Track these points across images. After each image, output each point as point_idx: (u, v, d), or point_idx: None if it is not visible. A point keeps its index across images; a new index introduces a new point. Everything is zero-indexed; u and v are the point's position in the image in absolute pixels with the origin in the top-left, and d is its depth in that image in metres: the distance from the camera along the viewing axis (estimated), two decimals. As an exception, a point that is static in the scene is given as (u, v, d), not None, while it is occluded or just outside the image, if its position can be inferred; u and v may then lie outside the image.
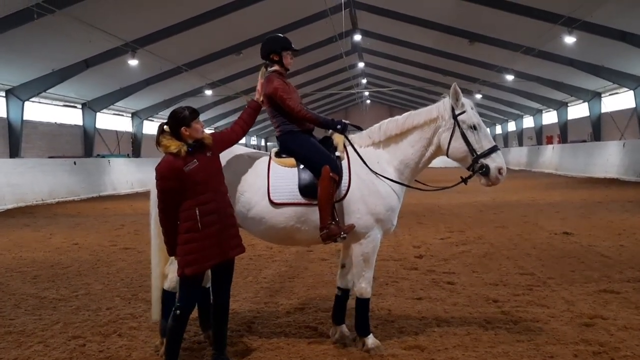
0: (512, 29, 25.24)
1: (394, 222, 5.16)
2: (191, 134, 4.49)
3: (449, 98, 5.06)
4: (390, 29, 30.47)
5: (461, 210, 15.43)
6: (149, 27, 22.97)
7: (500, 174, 4.90)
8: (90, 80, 26.74)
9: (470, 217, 14.00)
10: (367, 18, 29.94)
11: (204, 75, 31.53)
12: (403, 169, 5.18)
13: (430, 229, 12.06)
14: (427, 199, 18.43)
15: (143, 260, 9.32)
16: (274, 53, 5.35)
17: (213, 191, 4.48)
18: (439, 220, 13.47)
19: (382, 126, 5.29)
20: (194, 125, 4.50)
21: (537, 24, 23.25)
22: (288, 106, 5.14)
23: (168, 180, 4.38)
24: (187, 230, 4.40)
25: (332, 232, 4.83)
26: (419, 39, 30.65)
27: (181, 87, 33.06)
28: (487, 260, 8.69)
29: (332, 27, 27.17)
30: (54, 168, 23.44)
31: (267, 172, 5.10)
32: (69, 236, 12.44)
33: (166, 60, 26.71)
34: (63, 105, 29.26)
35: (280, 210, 4.99)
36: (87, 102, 30.41)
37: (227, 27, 24.77)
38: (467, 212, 14.95)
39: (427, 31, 28.22)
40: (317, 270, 8.34)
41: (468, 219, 13.54)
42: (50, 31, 19.66)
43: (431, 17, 26.50)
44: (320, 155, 5.03)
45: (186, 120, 4.48)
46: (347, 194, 5.00)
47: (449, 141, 5.00)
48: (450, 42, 29.41)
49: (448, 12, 25.27)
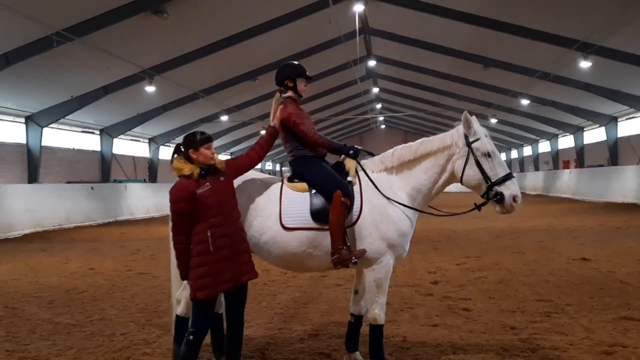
0: (527, 54, 25.26)
1: (406, 247, 5.14)
2: (198, 158, 4.54)
3: (461, 126, 5.07)
4: (404, 55, 30.65)
5: (477, 236, 15.31)
6: (165, 55, 23.34)
7: (514, 202, 4.87)
8: (108, 107, 27.11)
9: (486, 242, 13.88)
10: (381, 44, 30.17)
11: (219, 102, 31.88)
12: (415, 195, 5.18)
13: (446, 255, 11.96)
14: (442, 225, 18.31)
15: (158, 286, 9.33)
16: (289, 79, 5.42)
17: (224, 215, 4.51)
18: (454, 246, 13.36)
19: (395, 152, 5.30)
20: (203, 151, 4.55)
21: (552, 48, 23.25)
22: (301, 131, 5.18)
23: (181, 203, 4.42)
24: (199, 253, 4.41)
25: (343, 257, 4.82)
26: (433, 64, 30.79)
27: (197, 113, 33.41)
28: (504, 286, 8.59)
29: (347, 54, 27.42)
30: (71, 193, 23.69)
31: (279, 196, 5.12)
32: (85, 261, 12.51)
33: (183, 87, 27.08)
34: (81, 131, 29.68)
35: (292, 234, 4.98)
36: (105, 128, 30.83)
37: (242, 54, 25.07)
38: (483, 238, 14.82)
39: (441, 56, 28.34)
40: (331, 296, 8.29)
41: (484, 245, 13.41)
42: (69, 59, 20.05)
43: (445, 42, 26.63)
44: (332, 180, 5.05)
45: (194, 144, 4.56)
46: (359, 219, 4.99)
47: (463, 169, 5.00)
48: (464, 67, 29.49)
49: (462, 38, 25.38)
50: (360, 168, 5.25)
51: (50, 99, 24.33)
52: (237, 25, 22.34)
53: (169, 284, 8.19)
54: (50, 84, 22.54)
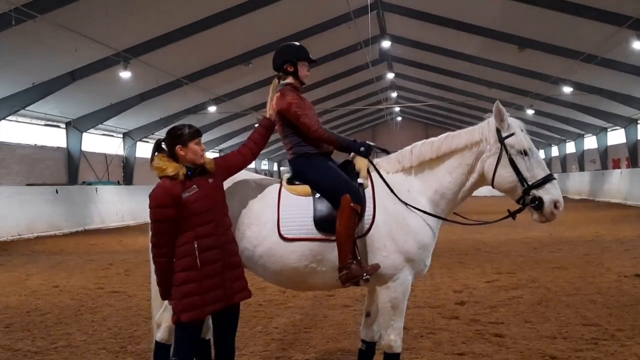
0: (569, 32, 25.21)
1: (427, 262, 5.13)
2: (187, 155, 4.55)
3: (492, 118, 5.07)
4: (424, 34, 30.64)
5: (511, 248, 15.28)
6: (143, 35, 23.40)
7: (555, 208, 4.86)
8: (76, 96, 27.20)
9: (521, 256, 13.85)
10: (398, 21, 30.19)
11: (207, 90, 31.94)
12: (438, 200, 5.17)
13: (474, 270, 11.95)
14: (469, 235, 18.28)
15: (134, 306, 9.34)
16: (288, 63, 5.42)
17: (214, 223, 4.52)
18: (484, 260, 13.34)
19: (414, 149, 5.29)
20: (192, 146, 4.56)
21: (599, 26, 23.18)
22: (303, 124, 5.18)
23: (164, 209, 4.42)
24: (184, 268, 4.41)
25: (352, 273, 4.81)
26: (458, 45, 30.77)
27: (181, 103, 33.48)
28: (543, 308, 8.57)
29: (357, 33, 27.42)
30: (32, 197, 23.77)
31: (277, 201, 5.12)
32: (48, 277, 12.54)
33: (164, 72, 27.13)
34: (44, 124, 29.80)
35: (292, 246, 4.99)
36: (72, 121, 30.94)
37: (234, 34, 25.12)
38: (518, 250, 14.79)
39: (468, 36, 28.33)
40: (338, 319, 8.28)
41: (519, 259, 13.38)
42: (31, 39, 20.12)
43: (473, 19, 26.62)
44: (339, 182, 5.04)
45: (183, 138, 4.55)
46: (372, 228, 4.99)
47: (495, 169, 4.99)
48: (496, 49, 29.46)
49: (493, 14, 25.35)
50: (373, 168, 5.24)
51: (8, 87, 24.38)
52: (227, 0, 22.38)
53: (147, 304, 8.19)
54: (7, 69, 22.58)
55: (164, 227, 4.45)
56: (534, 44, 27.67)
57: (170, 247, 4.47)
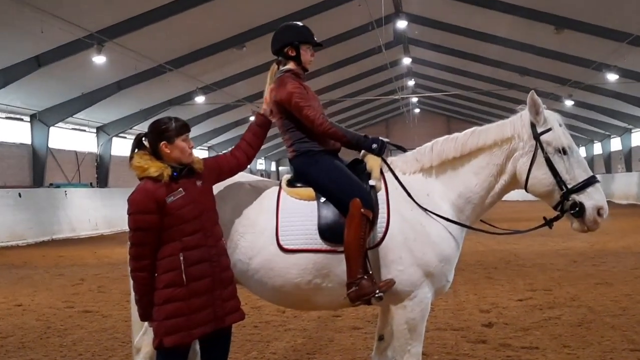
0: (614, 11, 25.17)
1: (449, 277, 5.14)
2: (172, 153, 4.54)
3: (526, 111, 5.07)
4: (446, 13, 30.64)
5: (547, 261, 15.25)
6: (120, 13, 23.41)
7: (599, 216, 4.86)
8: (42, 84, 27.24)
9: (559, 270, 13.82)
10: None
11: (194, 77, 31.96)
12: (463, 206, 5.18)
13: (504, 287, 11.93)
14: (499, 245, 18.25)
15: (109, 328, 9.34)
16: (290, 47, 5.44)
17: (203, 233, 4.52)
18: (515, 275, 13.32)
19: (435, 146, 5.30)
20: (178, 143, 4.55)
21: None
22: (306, 117, 5.18)
23: (146, 215, 4.42)
24: (167, 285, 4.41)
25: (363, 290, 4.81)
26: (486, 25, 30.74)
27: (163, 92, 33.52)
28: (584, 330, 8.55)
29: (368, 11, 27.40)
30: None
31: (275, 206, 5.13)
32: (10, 295, 12.55)
33: (143, 57, 27.15)
34: (5, 117, 29.85)
35: (293, 259, 5.00)
36: (38, 114, 30.98)
37: (225, 13, 25.13)
38: (556, 264, 14.76)
39: (497, 15, 28.29)
40: (346, 343, 8.27)
41: (557, 273, 13.36)
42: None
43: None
44: (348, 185, 5.05)
45: (169, 134, 4.55)
46: (385, 237, 5.00)
47: (529, 170, 5.00)
48: (529, 31, 29.41)
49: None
50: (387, 168, 5.25)
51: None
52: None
53: (124, 325, 8.20)
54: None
55: (146, 236, 4.44)
56: (574, 24, 27.62)
57: (152, 260, 4.47)
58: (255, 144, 5.22)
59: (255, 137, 5.23)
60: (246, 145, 5.16)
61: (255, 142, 5.22)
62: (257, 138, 5.24)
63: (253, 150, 5.19)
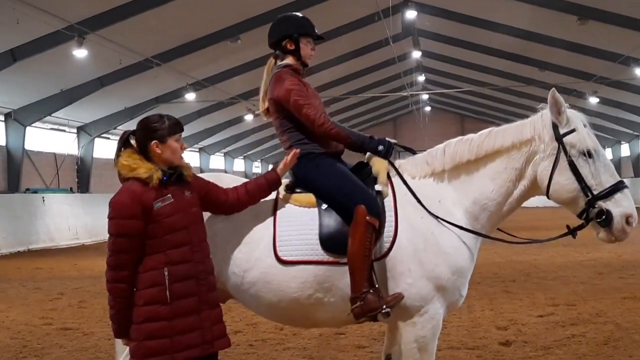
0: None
1: (463, 291, 5.13)
2: (164, 153, 4.50)
3: (547, 110, 5.06)
4: (460, 3, 30.67)
5: (570, 273, 15.23)
6: (103, 3, 23.43)
7: (627, 224, 4.85)
8: (17, 80, 27.27)
9: (584, 283, 13.81)
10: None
11: (184, 73, 32.00)
12: (478, 213, 5.17)
13: (523, 301, 11.91)
14: (517, 256, 18.23)
15: (91, 347, 9.33)
16: (288, 40, 5.43)
17: (191, 247, 4.48)
18: (536, 288, 13.31)
19: (447, 149, 5.29)
20: (171, 143, 4.52)
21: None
22: (306, 116, 5.18)
23: (130, 220, 4.37)
24: (149, 301, 4.36)
25: (369, 305, 4.80)
26: (503, 16, 30.76)
27: (150, 89, 33.55)
28: (611, 349, 8.53)
29: (374, 0, 27.43)
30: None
31: (272, 214, 5.14)
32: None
33: (128, 51, 27.18)
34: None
35: (292, 271, 4.99)
36: (13, 112, 31.02)
37: (218, 2, 25.18)
38: (580, 276, 14.74)
39: (516, 5, 28.32)
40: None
41: (581, 287, 13.34)
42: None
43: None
44: (352, 190, 5.05)
45: (161, 132, 4.50)
46: (393, 247, 4.99)
47: (551, 174, 4.99)
48: (550, 21, 29.43)
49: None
50: (395, 172, 5.26)
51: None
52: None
53: (107, 344, 8.19)
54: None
55: (128, 243, 4.39)
56: (599, 15, 27.63)
57: (133, 271, 4.42)
58: (254, 195, 5.04)
59: (259, 189, 5.06)
60: (244, 192, 4.99)
61: (255, 193, 5.05)
62: (260, 191, 5.07)
63: (249, 199, 5.02)
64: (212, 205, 4.90)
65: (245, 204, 5.01)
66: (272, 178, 5.13)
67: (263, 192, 5.09)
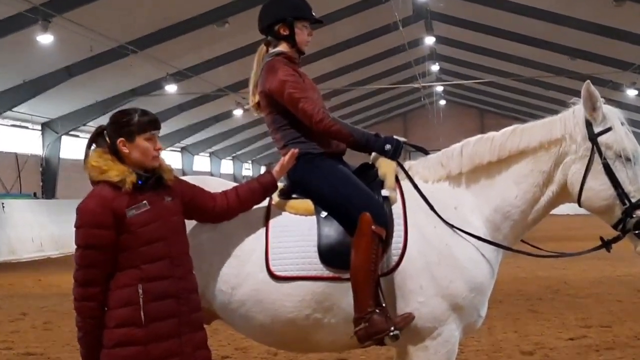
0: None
1: (482, 311, 5.14)
2: (131, 153, 4.45)
3: (580, 106, 5.06)
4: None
5: (604, 290, 15.25)
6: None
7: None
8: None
9: (620, 301, 13.83)
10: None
11: (163, 61, 31.97)
12: (500, 222, 5.17)
13: (551, 322, 11.92)
14: (545, 271, 18.23)
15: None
16: (282, 24, 5.44)
17: (170, 261, 4.45)
18: (565, 307, 13.32)
19: (465, 148, 5.29)
20: (140, 143, 4.45)
21: None
22: (302, 111, 5.18)
23: (99, 229, 4.35)
24: (121, 323, 4.34)
25: (374, 327, 4.79)
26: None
27: (125, 80, 33.53)
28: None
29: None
30: None
31: (265, 223, 5.14)
32: None
33: (100, 37, 27.13)
34: None
35: (287, 288, 4.99)
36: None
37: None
38: (616, 294, 14.76)
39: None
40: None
41: (617, 306, 13.36)
42: None
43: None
44: (355, 196, 5.05)
45: (129, 128, 4.45)
46: (402, 261, 4.99)
47: (583, 179, 4.98)
48: (582, 3, 29.46)
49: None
50: (405, 175, 5.26)
51: None
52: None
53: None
54: None
55: (97, 256, 4.36)
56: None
57: (104, 288, 4.39)
58: (246, 201, 5.02)
59: (252, 194, 5.04)
60: (235, 197, 4.97)
61: (247, 199, 5.02)
62: (252, 196, 5.05)
63: (240, 206, 4.99)
64: (198, 212, 4.89)
65: (236, 210, 4.99)
66: (267, 181, 5.11)
67: (256, 198, 5.08)
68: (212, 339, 4.92)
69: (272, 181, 5.11)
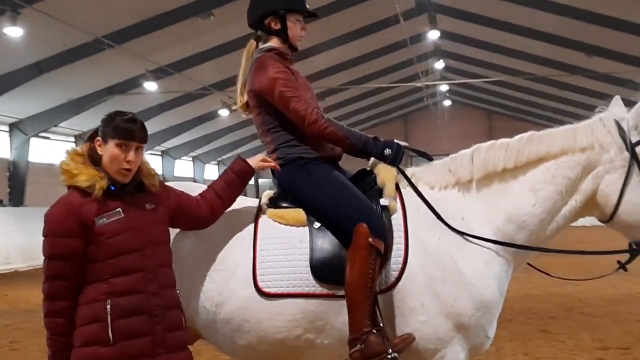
0: None
1: (489, 331, 5.14)
2: (104, 156, 4.45)
3: (609, 112, 5.07)
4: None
5: (623, 309, 15.26)
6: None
7: None
8: None
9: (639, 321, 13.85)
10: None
11: (142, 57, 31.95)
12: (513, 233, 5.16)
13: (565, 343, 11.93)
14: (558, 287, 18.23)
15: (24, 400, 9.33)
16: (272, 17, 5.47)
17: (144, 274, 4.43)
18: (580, 327, 13.33)
19: (476, 154, 5.30)
20: (110, 148, 4.44)
21: None
22: (294, 112, 5.20)
23: (67, 238, 4.35)
24: (87, 342, 4.34)
25: (371, 349, 4.79)
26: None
27: (101, 77, 33.50)
28: (674, 404, 8.57)
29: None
30: None
31: (252, 235, 5.14)
32: None
33: (73, 29, 27.12)
34: None
35: (276, 306, 4.99)
36: None
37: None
38: (635, 312, 14.77)
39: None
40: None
41: (636, 326, 13.37)
42: None
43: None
44: (351, 205, 5.06)
45: (105, 129, 4.45)
46: (402, 276, 4.99)
47: (621, 191, 4.98)
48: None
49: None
50: (407, 182, 5.27)
51: None
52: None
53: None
54: None
55: (64, 267, 4.35)
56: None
57: (73, 302, 4.39)
58: (227, 197, 5.07)
59: (228, 187, 5.08)
60: (213, 196, 5.01)
61: (227, 195, 5.07)
62: (231, 189, 5.09)
63: (222, 204, 5.04)
64: (184, 221, 4.92)
65: (220, 211, 5.03)
66: (241, 167, 5.17)
67: (237, 189, 5.13)
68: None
69: (245, 167, 5.16)
